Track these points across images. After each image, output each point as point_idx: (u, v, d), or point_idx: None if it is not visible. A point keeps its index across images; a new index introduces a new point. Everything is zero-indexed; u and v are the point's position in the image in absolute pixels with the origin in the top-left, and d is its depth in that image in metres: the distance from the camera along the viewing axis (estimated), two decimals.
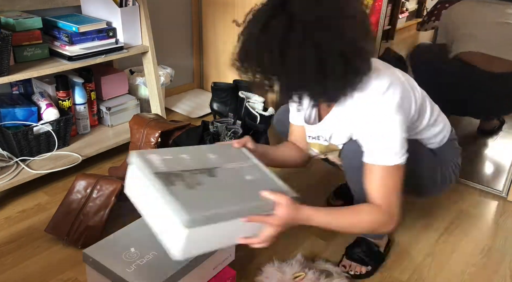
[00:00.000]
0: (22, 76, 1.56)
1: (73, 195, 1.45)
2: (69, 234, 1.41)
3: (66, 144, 1.84)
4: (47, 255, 1.40)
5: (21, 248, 1.42)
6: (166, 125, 1.72)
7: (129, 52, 1.86)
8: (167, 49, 2.49)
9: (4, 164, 1.67)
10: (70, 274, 1.33)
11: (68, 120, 1.80)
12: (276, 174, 1.19)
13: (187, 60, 2.67)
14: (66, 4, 1.92)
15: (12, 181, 1.59)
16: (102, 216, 1.41)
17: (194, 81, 2.76)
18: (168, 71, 2.27)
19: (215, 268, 1.21)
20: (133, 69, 2.28)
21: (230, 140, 1.73)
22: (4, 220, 1.55)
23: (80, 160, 1.78)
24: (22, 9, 1.76)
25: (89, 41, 1.73)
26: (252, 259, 1.41)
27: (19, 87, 1.86)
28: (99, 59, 1.75)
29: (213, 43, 2.59)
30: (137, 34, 1.92)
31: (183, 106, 2.51)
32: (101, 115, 2.06)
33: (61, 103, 1.85)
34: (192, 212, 0.92)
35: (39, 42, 1.67)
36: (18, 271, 1.34)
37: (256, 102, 2.13)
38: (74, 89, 1.88)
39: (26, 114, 1.71)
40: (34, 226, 1.52)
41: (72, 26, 1.71)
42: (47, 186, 1.73)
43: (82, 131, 1.96)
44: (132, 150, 1.72)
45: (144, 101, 2.18)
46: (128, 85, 2.15)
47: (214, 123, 1.79)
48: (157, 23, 2.32)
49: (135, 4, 1.89)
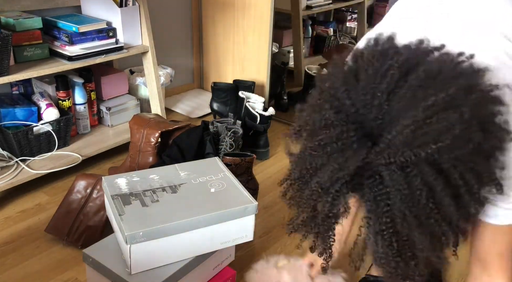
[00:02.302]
0: (22, 76, 1.56)
1: (73, 195, 1.45)
2: (69, 234, 1.41)
3: (66, 144, 1.84)
4: (47, 255, 1.40)
5: (21, 248, 1.42)
6: (166, 125, 1.72)
7: (129, 52, 1.86)
8: (167, 49, 2.49)
9: (4, 164, 1.67)
10: (70, 274, 1.33)
11: (68, 120, 1.80)
12: (242, 185, 1.23)
13: (187, 60, 2.67)
14: (66, 4, 1.92)
15: (12, 181, 1.59)
16: (102, 216, 1.41)
17: (194, 81, 2.76)
18: (168, 71, 2.27)
19: (215, 268, 1.21)
20: (133, 69, 2.28)
21: (230, 140, 1.74)
22: (4, 220, 1.55)
23: (80, 160, 1.78)
24: (22, 9, 1.76)
25: (89, 41, 1.73)
26: (252, 259, 1.41)
27: (19, 87, 1.86)
28: (99, 59, 1.75)
29: (213, 43, 2.59)
30: (137, 34, 1.92)
31: (183, 106, 2.51)
32: (101, 115, 2.06)
33: (61, 103, 1.85)
34: (134, 229, 1.01)
35: (39, 42, 1.67)
36: (18, 271, 1.34)
37: (256, 102, 2.13)
38: (74, 89, 1.88)
39: (26, 114, 1.71)
40: (34, 226, 1.52)
41: (72, 26, 1.71)
42: (47, 186, 1.73)
43: (82, 131, 1.96)
44: (132, 150, 1.72)
45: (144, 101, 2.18)
46: (128, 85, 2.15)
47: (214, 123, 1.79)
48: (157, 23, 2.33)
49: (135, 4, 1.89)
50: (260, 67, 2.41)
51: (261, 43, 2.35)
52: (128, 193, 1.14)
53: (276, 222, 1.61)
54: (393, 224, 0.66)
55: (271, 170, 1.96)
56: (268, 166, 1.99)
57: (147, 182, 1.19)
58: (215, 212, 1.10)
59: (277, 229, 1.58)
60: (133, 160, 1.72)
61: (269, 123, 2.07)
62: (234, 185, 1.21)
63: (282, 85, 2.58)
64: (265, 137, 2.05)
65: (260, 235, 1.54)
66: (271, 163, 2.03)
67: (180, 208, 1.10)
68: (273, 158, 2.06)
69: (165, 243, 1.06)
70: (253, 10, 2.32)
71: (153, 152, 1.68)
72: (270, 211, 1.67)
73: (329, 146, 0.66)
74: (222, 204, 1.13)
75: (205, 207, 1.11)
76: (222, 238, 1.14)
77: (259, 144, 2.04)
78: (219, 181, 1.23)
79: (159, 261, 1.08)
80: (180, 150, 1.63)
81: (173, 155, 1.62)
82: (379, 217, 0.67)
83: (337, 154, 0.66)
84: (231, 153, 1.57)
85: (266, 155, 2.05)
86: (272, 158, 2.06)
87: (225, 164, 1.39)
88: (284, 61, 2.76)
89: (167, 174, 1.24)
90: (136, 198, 1.12)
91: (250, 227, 1.18)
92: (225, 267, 1.25)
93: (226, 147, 1.73)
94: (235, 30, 2.45)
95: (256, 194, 1.59)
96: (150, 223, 1.04)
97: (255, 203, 1.15)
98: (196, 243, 1.10)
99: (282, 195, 0.84)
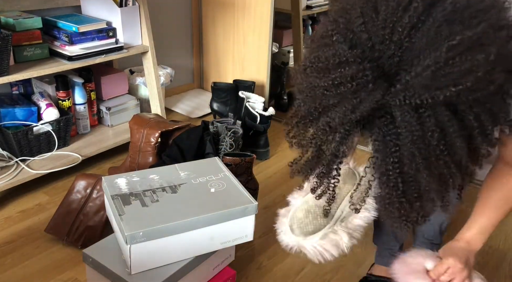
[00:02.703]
0: (22, 76, 1.56)
1: (73, 195, 1.45)
2: (69, 234, 1.41)
3: (66, 144, 1.84)
4: (47, 255, 1.40)
5: (21, 248, 1.42)
6: (166, 125, 1.72)
7: (129, 52, 1.86)
8: (167, 49, 2.49)
9: (4, 164, 1.67)
10: (70, 274, 1.33)
11: (68, 120, 1.80)
12: (242, 185, 1.22)
13: (187, 60, 2.67)
14: (66, 4, 1.92)
15: (12, 181, 1.59)
16: (102, 216, 1.41)
17: (194, 81, 2.76)
18: (168, 71, 2.27)
19: (215, 268, 1.21)
20: (133, 69, 2.28)
21: (230, 140, 1.73)
22: (4, 220, 1.55)
23: (80, 160, 1.78)
24: (22, 9, 1.76)
25: (89, 41, 1.73)
26: (252, 259, 1.41)
27: (19, 87, 1.86)
28: (99, 59, 1.75)
29: (213, 43, 2.59)
30: (137, 34, 1.92)
31: (183, 106, 2.51)
32: (101, 115, 2.06)
33: (61, 103, 1.85)
34: (134, 229, 1.01)
35: (39, 42, 1.67)
36: (18, 271, 1.34)
37: (256, 102, 2.13)
38: (74, 89, 1.88)
39: (26, 114, 1.71)
40: (34, 226, 1.52)
41: (72, 26, 1.71)
42: (47, 186, 1.73)
43: (82, 131, 1.96)
44: (132, 150, 1.72)
45: (144, 101, 2.18)
46: (128, 85, 2.15)
47: (214, 123, 1.79)
48: (157, 23, 2.33)
49: (135, 4, 1.89)
50: (260, 67, 2.41)
51: (261, 43, 2.35)
52: (128, 193, 1.14)
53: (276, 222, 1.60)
54: (400, 164, 0.64)
55: (271, 170, 1.96)
56: (268, 166, 1.99)
57: (147, 182, 1.20)
58: (215, 212, 1.10)
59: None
60: (133, 160, 1.72)
61: (269, 123, 2.07)
62: (234, 185, 1.21)
63: (282, 85, 2.59)
64: (265, 137, 2.05)
65: (260, 235, 1.54)
66: (271, 163, 2.03)
67: (180, 208, 1.10)
68: (273, 158, 2.06)
69: (165, 243, 1.06)
70: (253, 10, 2.32)
71: (153, 152, 1.68)
72: (270, 211, 1.67)
73: (343, 86, 0.62)
74: (222, 204, 1.13)
75: (205, 207, 1.11)
76: (222, 238, 1.14)
77: (259, 144, 2.04)
78: (219, 181, 1.23)
79: (159, 261, 1.07)
80: (180, 150, 1.63)
81: (173, 155, 1.62)
82: (386, 157, 0.65)
83: (351, 94, 0.62)
84: (231, 153, 1.57)
85: (266, 155, 2.05)
86: (272, 158, 2.06)
87: (225, 164, 1.39)
88: (284, 61, 2.76)
89: (167, 174, 1.24)
90: (136, 198, 1.12)
91: (250, 227, 1.18)
92: (225, 267, 1.25)
93: (226, 147, 1.73)
94: (235, 30, 2.45)
95: (256, 194, 1.59)
96: (150, 223, 1.04)
97: (255, 203, 1.15)
98: (196, 243, 1.10)
99: (286, 134, 0.79)
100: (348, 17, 0.66)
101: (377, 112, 0.64)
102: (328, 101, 0.65)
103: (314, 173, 0.78)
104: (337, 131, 0.67)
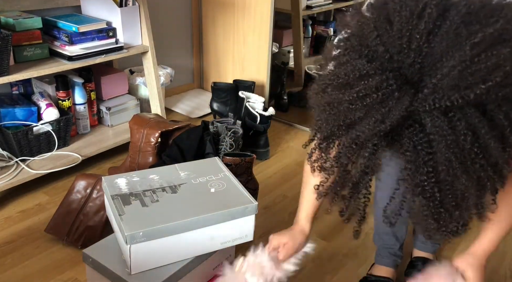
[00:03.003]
0: (22, 76, 1.56)
1: (73, 195, 1.45)
2: (69, 234, 1.41)
3: (66, 144, 1.84)
4: (47, 255, 1.40)
5: (21, 248, 1.42)
6: (166, 125, 1.72)
7: (129, 52, 1.86)
8: (167, 49, 2.49)
9: (4, 164, 1.67)
10: (70, 274, 1.33)
11: (68, 120, 1.80)
12: (242, 185, 1.22)
13: (187, 60, 2.67)
14: (66, 4, 1.92)
15: (12, 181, 1.59)
16: (102, 216, 1.41)
17: (194, 81, 2.76)
18: (168, 71, 2.27)
19: (215, 268, 1.21)
20: (133, 69, 2.28)
21: (230, 140, 1.74)
22: (4, 220, 1.55)
23: (80, 160, 1.78)
24: (22, 9, 1.76)
25: (89, 41, 1.73)
26: None
27: (19, 87, 1.86)
28: (99, 59, 1.75)
29: (213, 43, 2.59)
30: (137, 34, 1.92)
31: (183, 106, 2.51)
32: (101, 115, 2.06)
33: (61, 103, 1.85)
34: (134, 229, 1.01)
35: (39, 42, 1.67)
36: (18, 271, 1.34)
37: (256, 102, 2.13)
38: (74, 89, 1.88)
39: (26, 114, 1.71)
40: (34, 226, 1.52)
41: (72, 26, 1.71)
42: (47, 186, 1.73)
43: (82, 131, 1.96)
44: (132, 150, 1.72)
45: (144, 101, 2.18)
46: (128, 85, 2.15)
47: (214, 123, 1.79)
48: (157, 23, 2.33)
49: (135, 4, 1.89)
50: (260, 67, 2.41)
51: (261, 43, 2.35)
52: (128, 193, 1.14)
53: (276, 222, 1.60)
54: (435, 173, 0.63)
55: (271, 170, 1.96)
56: (268, 166, 1.99)
57: (147, 182, 1.20)
58: (215, 212, 1.10)
59: (277, 229, 1.57)
60: (133, 160, 1.72)
61: (269, 123, 2.07)
62: (234, 185, 1.21)
63: (282, 85, 2.58)
64: (265, 137, 2.05)
65: (260, 235, 1.53)
66: (271, 163, 2.03)
67: (180, 208, 1.10)
68: (273, 158, 2.06)
69: (165, 243, 1.06)
70: (253, 10, 2.32)
71: (153, 152, 1.68)
72: (270, 211, 1.67)
73: (368, 97, 0.61)
74: (222, 204, 1.13)
75: (205, 207, 1.11)
76: (222, 238, 1.14)
77: (259, 144, 2.04)
78: (219, 181, 1.23)
79: (159, 261, 1.07)
80: (180, 150, 1.63)
81: (173, 155, 1.62)
82: (419, 167, 0.63)
83: (378, 104, 0.61)
84: (231, 153, 1.57)
85: (266, 155, 2.05)
86: (272, 158, 2.06)
87: (225, 164, 1.39)
88: (284, 61, 2.76)
89: (167, 174, 1.24)
90: (136, 198, 1.12)
91: (250, 227, 1.18)
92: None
93: (226, 147, 1.73)
94: (235, 30, 2.45)
95: (256, 194, 1.59)
96: (150, 223, 1.04)
97: (255, 203, 1.15)
98: (196, 243, 1.10)
99: (308, 158, 0.77)
100: (361, 34, 0.66)
101: (405, 122, 0.63)
102: (354, 115, 0.64)
103: (341, 194, 0.76)
104: (364, 147, 0.66)
